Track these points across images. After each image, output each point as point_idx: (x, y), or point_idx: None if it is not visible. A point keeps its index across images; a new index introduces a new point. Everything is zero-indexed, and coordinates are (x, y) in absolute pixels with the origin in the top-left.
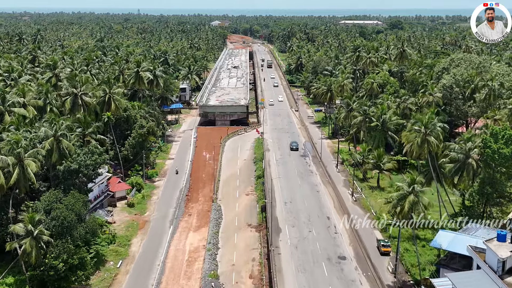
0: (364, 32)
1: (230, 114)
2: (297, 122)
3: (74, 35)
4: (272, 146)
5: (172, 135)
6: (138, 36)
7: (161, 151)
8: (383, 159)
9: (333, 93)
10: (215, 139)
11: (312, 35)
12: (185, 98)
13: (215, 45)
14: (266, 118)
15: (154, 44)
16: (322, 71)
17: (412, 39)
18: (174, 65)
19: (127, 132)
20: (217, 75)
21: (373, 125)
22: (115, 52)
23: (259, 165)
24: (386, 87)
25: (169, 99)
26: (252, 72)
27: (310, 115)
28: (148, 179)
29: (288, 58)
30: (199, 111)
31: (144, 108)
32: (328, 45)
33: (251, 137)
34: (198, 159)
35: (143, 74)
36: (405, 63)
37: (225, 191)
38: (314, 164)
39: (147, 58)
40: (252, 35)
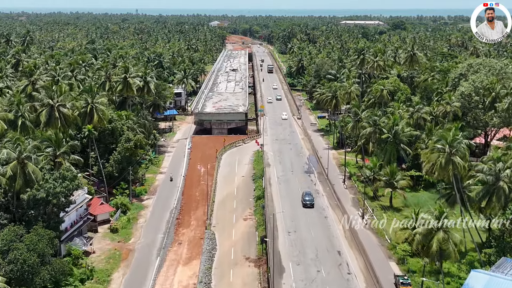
0: (366, 33)
1: (227, 122)
2: (300, 132)
3: (69, 36)
4: (273, 160)
5: (165, 145)
6: (135, 37)
7: (152, 164)
8: (396, 176)
9: (339, 100)
10: (211, 149)
11: (313, 36)
12: (181, 103)
13: (213, 46)
14: (266, 127)
15: (150, 45)
16: (325, 75)
17: (417, 40)
18: (170, 68)
19: (112, 146)
20: (214, 79)
21: (384, 137)
22: (106, 55)
23: (259, 184)
24: (396, 94)
25: (161, 106)
26: (251, 75)
27: (313, 122)
28: (135, 197)
29: (289, 60)
30: (194, 119)
31: (132, 118)
32: (330, 47)
33: (250, 149)
34: (191, 174)
35: (131, 80)
36: (415, 68)
37: (220, 215)
38: (320, 182)
39: (140, 61)
40: (252, 35)
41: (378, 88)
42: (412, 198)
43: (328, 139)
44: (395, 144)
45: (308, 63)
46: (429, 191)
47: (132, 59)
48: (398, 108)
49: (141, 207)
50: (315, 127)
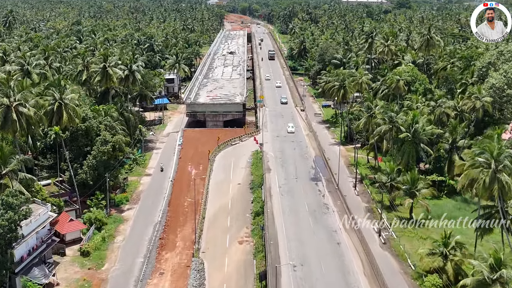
0: (371, 12)
1: (223, 114)
2: (304, 127)
3: (61, 15)
4: (274, 163)
5: (154, 139)
6: (129, 16)
7: (137, 165)
8: (418, 184)
9: (347, 90)
10: (205, 146)
11: (315, 15)
12: (173, 90)
13: (211, 26)
14: (266, 121)
15: (144, 25)
16: (330, 60)
17: (424, 20)
18: (162, 52)
19: (87, 148)
20: (210, 63)
21: (402, 136)
22: (91, 38)
23: (257, 194)
24: (413, 84)
25: (149, 97)
26: (250, 57)
27: (317, 112)
28: (115, 207)
29: (290, 41)
30: (187, 110)
31: (112, 114)
32: (333, 27)
33: (248, 149)
34: (181, 177)
35: (111, 70)
36: (431, 53)
37: (211, 236)
38: (329, 193)
39: (128, 44)
40: (251, 14)
41: (394, 79)
42: (434, 208)
43: (334, 133)
44: (414, 144)
45: (311, 45)
46: (453, 198)
47: (120, 43)
48: (417, 102)
49: (120, 220)
50: (320, 118)
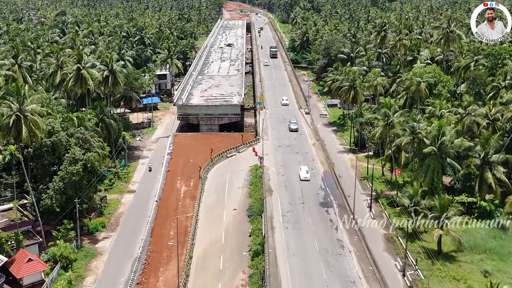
0: (376, 1)
1: (219, 117)
2: (310, 134)
3: (53, 3)
4: (276, 182)
5: (141, 146)
6: (124, 4)
7: (118, 179)
8: (448, 212)
9: (358, 92)
10: (198, 154)
11: (318, 3)
12: (166, 87)
13: (208, 15)
14: (267, 126)
15: (138, 15)
16: (336, 54)
17: (433, 8)
18: (154, 45)
19: (53, 167)
20: (206, 56)
21: (426, 150)
22: (74, 30)
23: (256, 225)
24: (436, 87)
25: (134, 98)
26: (249, 49)
27: (322, 112)
28: (89, 235)
29: (292, 32)
30: (178, 113)
31: (86, 125)
32: (337, 17)
33: (246, 162)
34: (168, 196)
35: (86, 73)
36: (451, 49)
37: (199, 285)
38: (343, 224)
39: (116, 37)
40: (251, 2)
41: (414, 81)
42: (465, 235)
43: (342, 137)
44: (440, 158)
45: (314, 37)
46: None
47: (107, 35)
48: (441, 108)
49: (93, 253)
50: (326, 120)
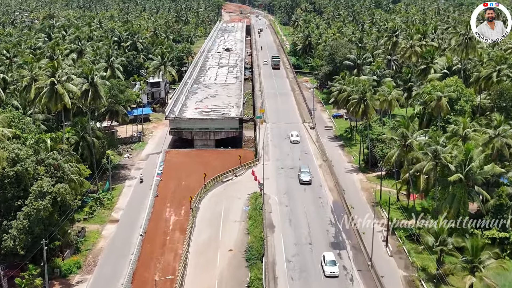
0: (380, 2)
1: (214, 132)
2: (315, 153)
3: (47, 4)
4: (279, 216)
5: (129, 164)
6: (120, 6)
7: (100, 206)
8: (481, 255)
9: (369, 105)
10: (191, 175)
11: (320, 5)
12: (159, 95)
13: (207, 17)
14: (268, 143)
15: (134, 17)
16: (342, 61)
17: (440, 11)
18: (148, 50)
19: (17, 202)
20: (203, 62)
21: (452, 179)
22: (61, 35)
23: (256, 273)
24: (458, 102)
25: (121, 113)
26: (249, 53)
27: (327, 124)
28: (60, 278)
29: (294, 35)
30: (170, 127)
31: (62, 146)
32: (340, 19)
33: (244, 188)
34: (155, 228)
35: (61, 88)
36: (469, 57)
37: None
38: (359, 272)
39: (106, 42)
40: (251, 4)
41: (434, 95)
42: (498, 279)
43: (350, 154)
44: (467, 186)
45: (317, 41)
46: None
47: (97, 40)
48: (465, 127)
49: None
50: (331, 133)
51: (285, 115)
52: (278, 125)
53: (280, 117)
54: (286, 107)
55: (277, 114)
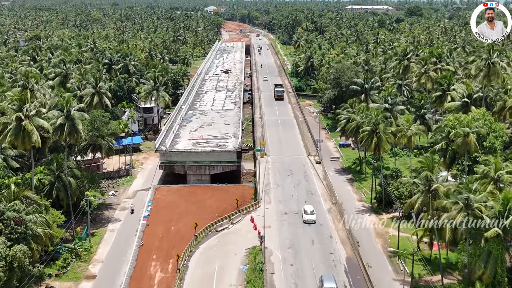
0: (383, 21)
1: (210, 166)
2: (323, 193)
3: (43, 23)
4: (283, 278)
5: (114, 204)
6: (117, 25)
7: (76, 258)
8: None
9: (382, 138)
10: (182, 218)
11: (321, 24)
12: (152, 121)
13: (206, 36)
14: (269, 182)
15: (130, 36)
16: (348, 85)
17: (447, 31)
18: (141, 72)
19: None
20: (199, 85)
21: (488, 235)
22: (47, 57)
23: None
24: (487, 138)
25: (104, 147)
26: (248, 74)
27: (333, 155)
28: None
29: (295, 55)
30: (160, 160)
31: (27, 194)
32: (343, 39)
33: (241, 240)
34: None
35: (29, 125)
36: (491, 84)
37: None
38: None
39: (95, 65)
40: (251, 22)
41: (460, 131)
42: None
43: (361, 190)
44: (505, 241)
45: (319, 62)
46: None
47: (86, 63)
48: (497, 168)
49: None
50: (338, 165)
51: (288, 146)
52: (281, 159)
53: (282, 149)
54: (289, 137)
55: (279, 146)
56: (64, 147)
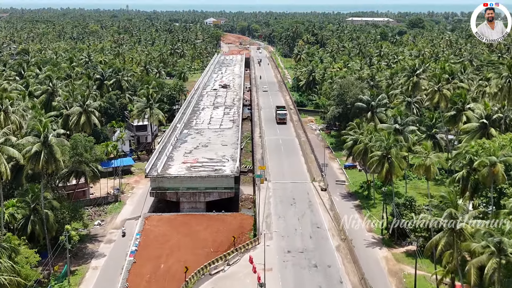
0: (385, 34)
1: (205, 192)
2: (330, 227)
3: (39, 36)
4: None
5: (99, 235)
6: (114, 37)
7: None
8: None
9: (394, 164)
10: (173, 253)
11: (322, 37)
12: (146, 140)
13: (205, 49)
14: (270, 211)
15: (126, 49)
16: (353, 102)
17: (452, 43)
18: (135, 87)
19: None
20: (196, 101)
21: None
22: (35, 73)
23: None
24: None
25: (88, 174)
26: (248, 88)
27: (339, 177)
28: None
29: (296, 69)
30: (151, 186)
31: None
32: (345, 52)
33: (238, 286)
34: None
35: None
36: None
37: None
38: None
39: (82, 83)
40: (251, 34)
41: (485, 161)
42: None
43: (371, 219)
44: None
45: (321, 76)
46: None
47: (76, 78)
48: None
49: None
50: (344, 189)
51: (290, 170)
52: (283, 185)
53: (284, 173)
54: (291, 159)
55: (280, 170)
56: (42, 176)
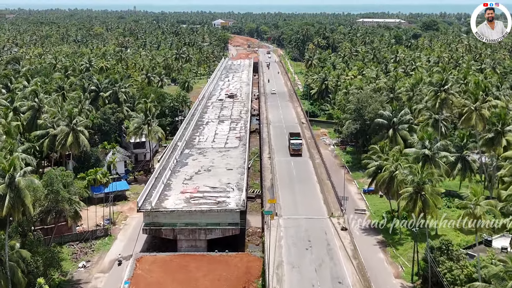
0: (399, 37)
1: (206, 230)
2: (355, 282)
3: (42, 38)
4: None
5: (83, 281)
6: (118, 40)
7: None
8: None
9: (428, 202)
10: None
11: (334, 40)
12: (144, 158)
13: (212, 53)
14: (281, 258)
15: (131, 53)
16: (372, 118)
17: (472, 48)
18: (134, 99)
19: None
20: (200, 115)
21: None
22: (22, 86)
23: None
24: None
25: (68, 213)
26: (256, 96)
27: (358, 205)
28: None
29: (307, 76)
30: (144, 222)
31: None
32: (359, 57)
33: None
34: None
35: None
36: None
37: None
38: None
39: (79, 93)
40: (259, 36)
41: None
42: None
43: (397, 260)
44: None
45: (335, 84)
46: None
47: (70, 90)
48: None
49: None
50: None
51: (304, 201)
52: (296, 222)
53: (297, 205)
54: (305, 187)
55: (293, 201)
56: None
